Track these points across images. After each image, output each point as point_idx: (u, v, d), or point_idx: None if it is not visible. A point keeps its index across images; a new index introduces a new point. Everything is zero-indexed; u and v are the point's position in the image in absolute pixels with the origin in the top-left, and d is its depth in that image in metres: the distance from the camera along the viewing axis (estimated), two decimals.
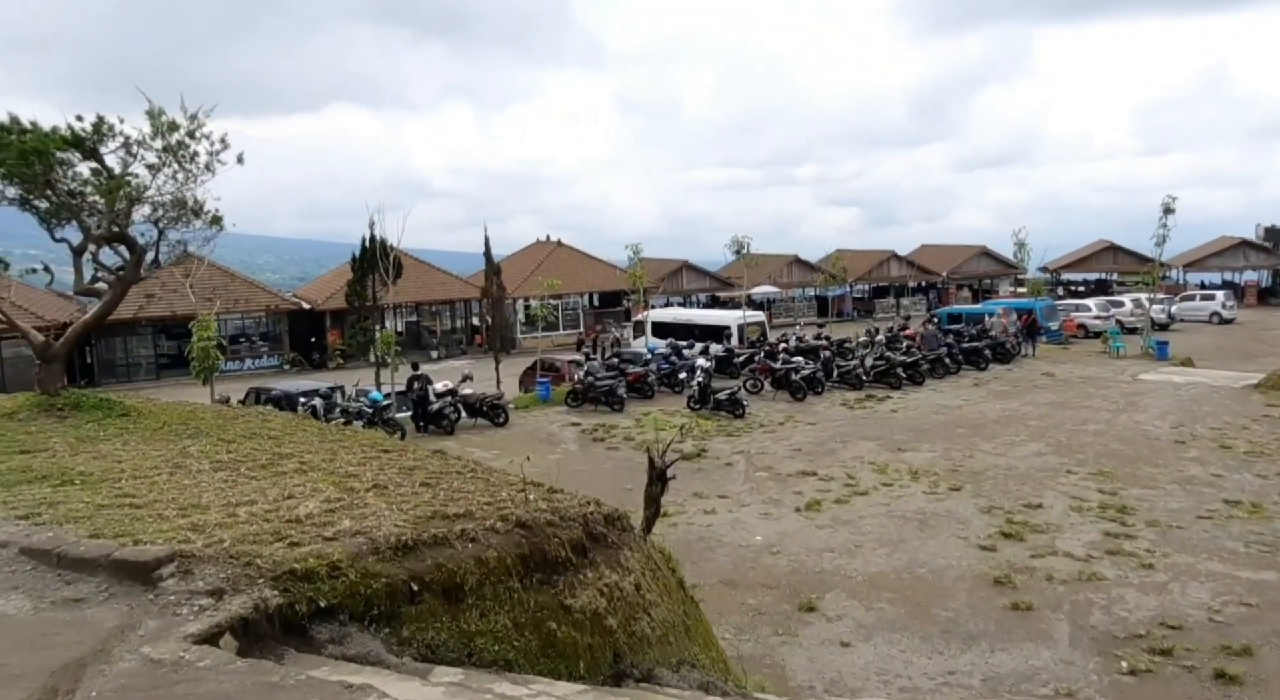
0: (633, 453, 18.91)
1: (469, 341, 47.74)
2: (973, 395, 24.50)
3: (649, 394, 24.79)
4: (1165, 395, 23.36)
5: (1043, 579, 11.16)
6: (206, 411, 9.50)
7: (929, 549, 12.49)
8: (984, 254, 67.98)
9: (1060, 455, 17.43)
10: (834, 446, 18.91)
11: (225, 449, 6.72)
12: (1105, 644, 9.34)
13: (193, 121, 8.77)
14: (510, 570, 4.34)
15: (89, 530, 4.22)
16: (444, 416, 21.36)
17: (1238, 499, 14.11)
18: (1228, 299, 48.96)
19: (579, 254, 52.75)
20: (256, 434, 7.47)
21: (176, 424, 8.01)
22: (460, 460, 7.03)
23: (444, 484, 5.50)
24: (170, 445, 6.95)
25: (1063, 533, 12.89)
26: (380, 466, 6.01)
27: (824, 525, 13.76)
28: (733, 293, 60.41)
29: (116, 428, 7.85)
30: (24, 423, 8.08)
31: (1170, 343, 30.86)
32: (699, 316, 35.72)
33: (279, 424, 8.46)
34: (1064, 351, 32.81)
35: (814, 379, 24.56)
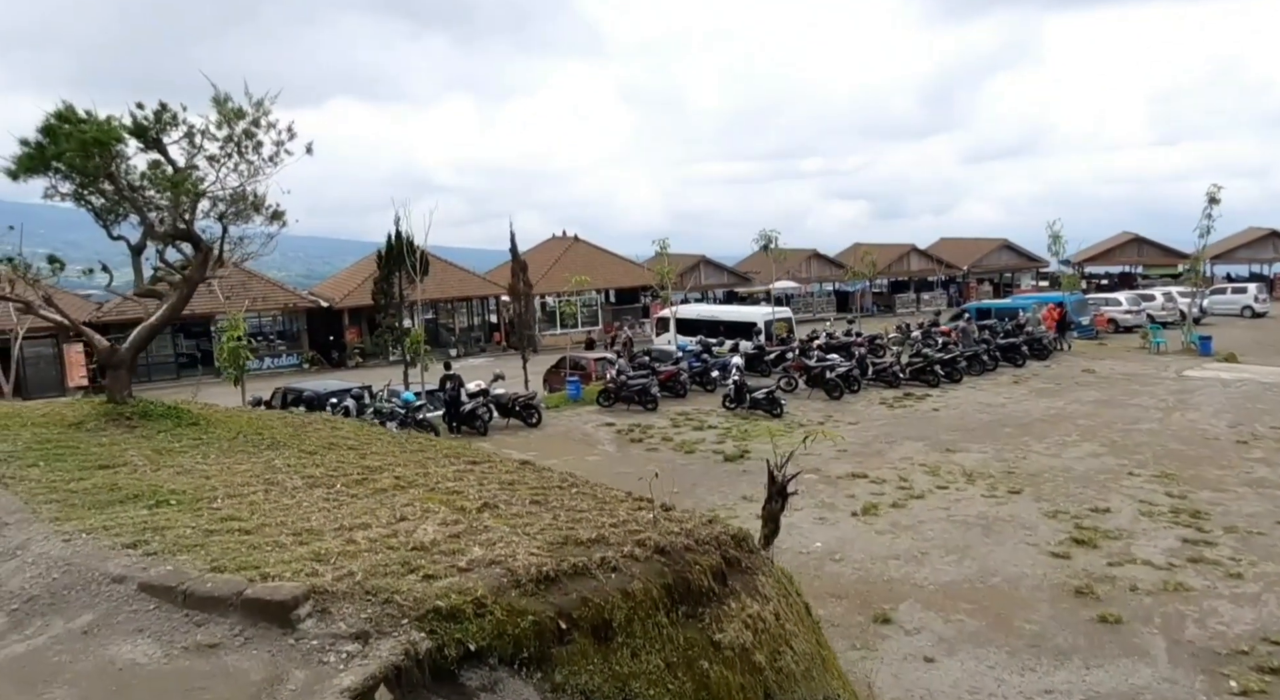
0: (673, 454, 18.50)
1: (487, 339, 47.39)
2: (1015, 393, 23.96)
3: (681, 393, 24.34)
4: (1216, 393, 22.78)
5: (1126, 589, 10.67)
6: (274, 419, 9.22)
7: (998, 556, 12.02)
8: (1006, 247, 67.24)
9: (1118, 456, 16.91)
10: (880, 447, 18.43)
11: (311, 462, 6.44)
12: (1207, 661, 8.86)
13: (258, 109, 8.32)
14: (657, 603, 3.96)
15: (207, 562, 3.89)
16: (477, 417, 20.98)
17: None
18: (1260, 292, 48.10)
19: (596, 249, 52.33)
20: (335, 444, 7.18)
21: (250, 433, 7.72)
22: (554, 472, 6.66)
23: (554, 501, 5.19)
24: (252, 458, 6.67)
25: (1137, 539, 12.39)
26: (479, 481, 5.69)
27: (884, 531, 13.30)
28: (751, 288, 59.90)
29: (190, 438, 7.62)
30: (94, 433, 7.84)
31: (1213, 338, 30.11)
32: (725, 313, 35.24)
33: (351, 432, 8.20)
34: (1101, 347, 32.20)
35: (850, 377, 24.08)
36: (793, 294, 57.67)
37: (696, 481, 16.33)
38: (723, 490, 15.71)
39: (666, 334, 35.47)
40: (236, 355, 21.63)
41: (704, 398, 24.48)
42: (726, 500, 15.02)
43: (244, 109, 8.40)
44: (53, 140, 8.18)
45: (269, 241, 9.67)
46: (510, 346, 45.87)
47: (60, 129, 8.07)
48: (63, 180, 8.50)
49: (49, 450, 7.03)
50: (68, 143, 7.95)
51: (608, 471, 16.97)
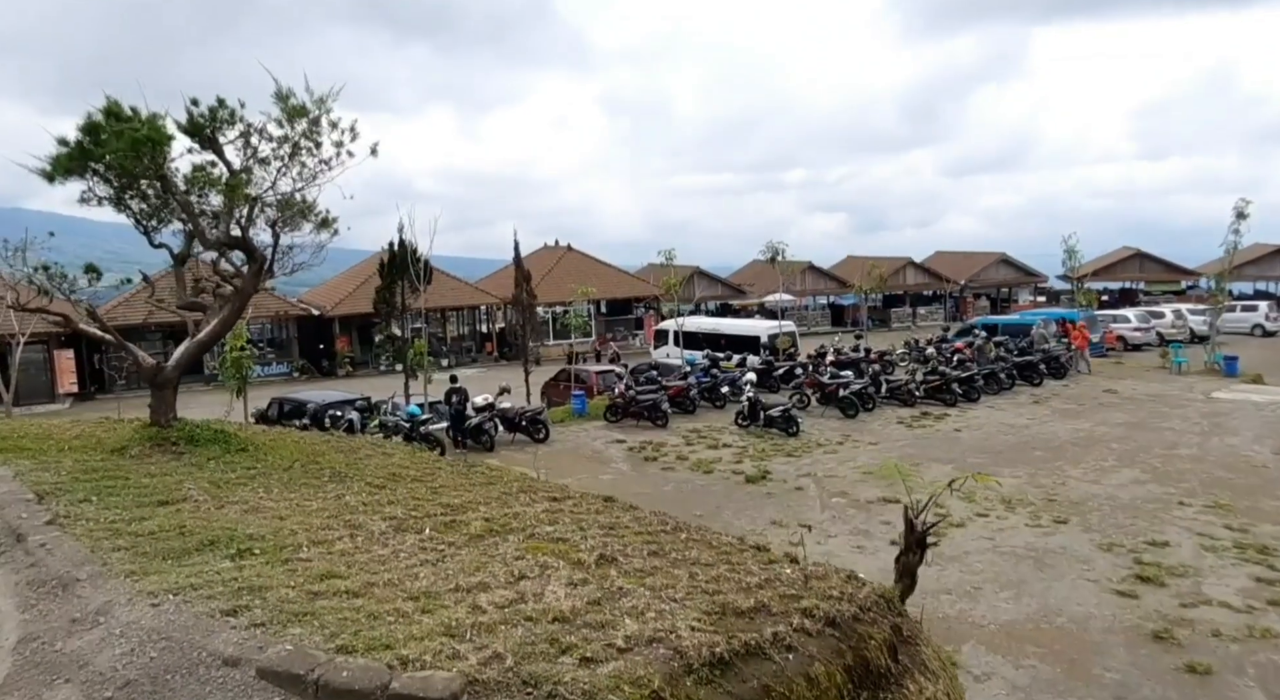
0: (690, 474, 17.50)
1: (479, 349, 46.36)
2: (1037, 413, 23.09)
3: (691, 409, 23.37)
4: (1250, 417, 21.96)
5: (1208, 635, 9.72)
6: (323, 445, 9.17)
7: (1058, 593, 11.06)
8: (1003, 261, 66.70)
9: (1162, 484, 16.01)
10: (905, 470, 17.44)
11: (384, 498, 6.53)
12: None
13: (320, 106, 7.55)
14: (841, 690, 3.22)
15: (326, 636, 3.38)
16: (483, 432, 19.98)
17: None
18: (1271, 310, 47.41)
19: (589, 259, 51.46)
20: (398, 475, 7.20)
21: (305, 461, 7.85)
22: (644, 510, 6.05)
23: (671, 550, 4.85)
24: (319, 492, 6.49)
25: (1205, 577, 11.46)
26: (576, 524, 5.35)
27: (928, 562, 12.20)
28: (746, 301, 59.18)
29: (244, 467, 7.41)
30: (139, 461, 7.62)
31: (1240, 358, 29.34)
32: (727, 326, 34.27)
33: (406, 459, 8.12)
34: (1118, 366, 31.42)
35: (865, 395, 23.15)
36: (788, 306, 56.84)
37: (720, 504, 15.33)
38: (749, 514, 14.71)
39: (665, 347, 34.51)
40: (239, 365, 20.57)
41: (714, 414, 23.50)
42: (755, 525, 14.02)
43: (306, 106, 7.69)
44: (97, 139, 7.51)
45: (319, 251, 8.88)
46: (502, 357, 44.91)
47: (108, 127, 7.40)
48: (101, 183, 7.81)
49: (98, 482, 6.70)
50: (117, 141, 7.27)
51: (624, 491, 15.82)
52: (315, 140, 7.74)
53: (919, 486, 11.19)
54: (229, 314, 8.47)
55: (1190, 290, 64.86)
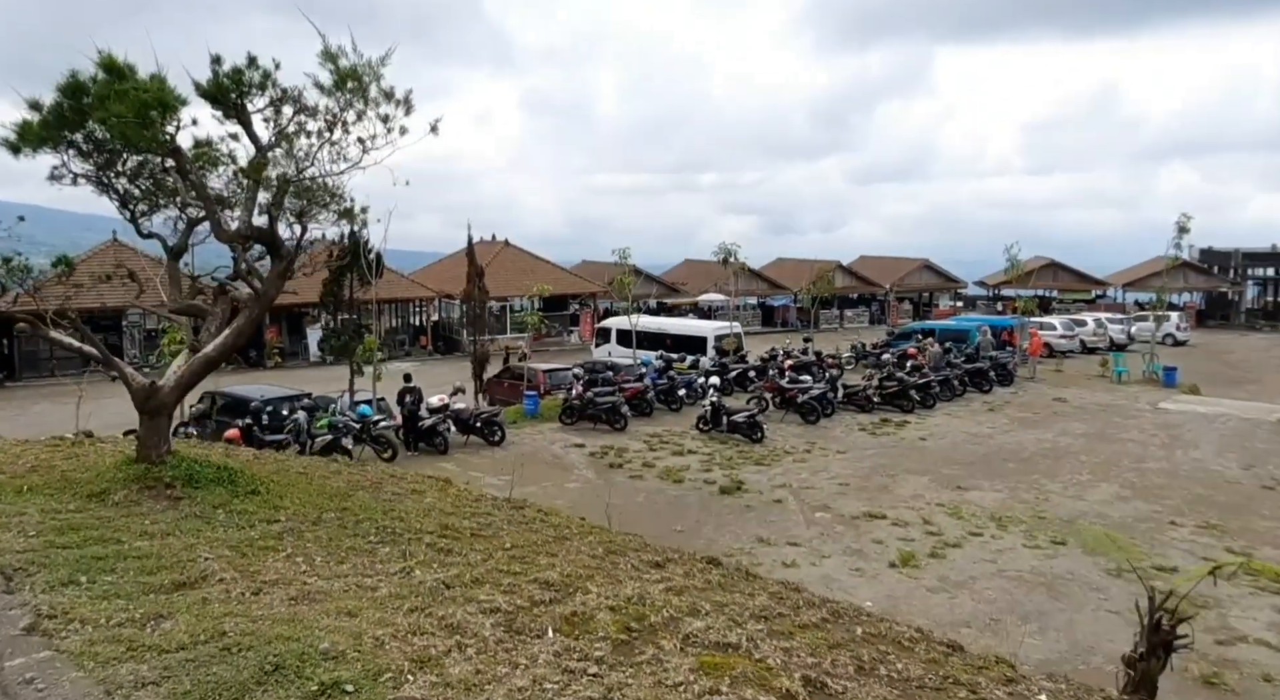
0: (660, 483, 16.25)
1: (412, 343, 44.11)
2: (995, 421, 22.70)
3: (647, 412, 22.11)
4: (1204, 429, 22.01)
5: (1258, 679, 9.03)
6: (334, 478, 7.97)
7: (1084, 628, 10.25)
8: (926, 267, 67.81)
9: (1147, 501, 15.57)
10: (881, 481, 16.62)
11: (462, 571, 4.94)
12: None
13: (372, 72, 6.44)
14: None
15: None
16: (438, 434, 18.34)
17: None
18: (1181, 320, 49.20)
19: (527, 255, 49.68)
20: (453, 528, 6.63)
21: (332, 508, 6.40)
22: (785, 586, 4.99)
23: (869, 658, 3.83)
24: (372, 560, 5.25)
25: (1228, 608, 10.85)
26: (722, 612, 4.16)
27: (935, 588, 11.38)
28: (680, 300, 58.32)
29: (263, 521, 6.07)
30: (128, 511, 6.09)
31: (1179, 368, 29.82)
32: (672, 326, 33.10)
33: (441, 499, 6.98)
34: (1059, 374, 31.61)
35: (824, 400, 22.33)
36: (720, 306, 56.38)
37: (698, 519, 14.13)
38: (732, 530, 13.55)
39: (606, 345, 33.18)
40: None
41: (671, 417, 22.29)
42: (741, 543, 12.90)
43: (358, 69, 6.38)
44: (81, 103, 6.18)
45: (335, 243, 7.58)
46: (436, 351, 42.73)
47: (113, 86, 5.95)
48: (79, 158, 6.46)
49: (81, 549, 5.24)
50: (119, 105, 5.83)
51: (594, 503, 14.52)
52: (360, 111, 6.50)
53: (1126, 547, 10.18)
54: (245, 322, 7.11)
55: (1099, 299, 67.31)
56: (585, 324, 46.49)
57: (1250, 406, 25.40)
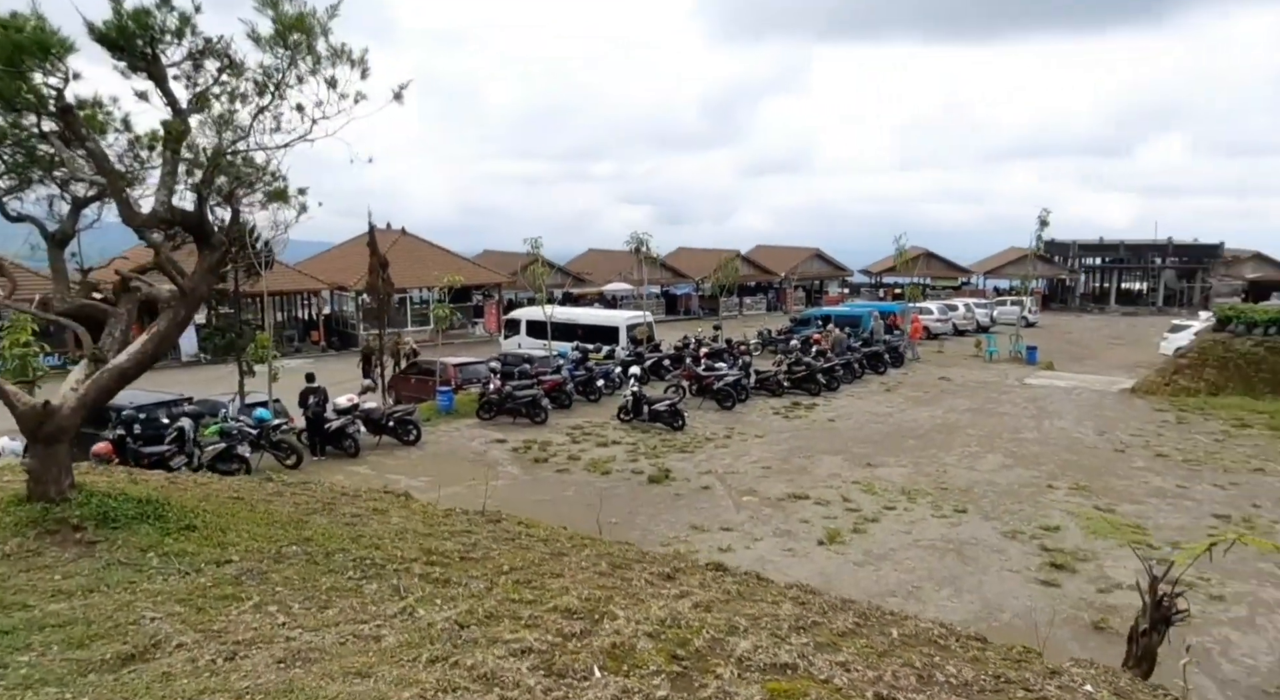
0: (587, 476, 16.83)
1: (302, 338, 42.77)
2: (893, 401, 24.40)
3: (566, 404, 22.59)
4: (1063, 400, 24.37)
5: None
6: (278, 501, 6.69)
7: (991, 587, 11.54)
8: (817, 256, 70.74)
9: (1026, 467, 17.32)
10: (800, 462, 17.79)
11: (471, 605, 4.38)
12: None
13: (319, 23, 5.58)
14: None
15: None
16: (347, 436, 18.09)
17: (1224, 514, 14.36)
18: (1033, 304, 53.52)
19: (425, 243, 48.83)
20: (438, 551, 5.28)
21: (290, 540, 5.32)
22: (799, 588, 5.19)
23: (922, 664, 3.77)
24: (363, 603, 4.54)
25: (1103, 559, 12.42)
26: (758, 625, 4.04)
27: (861, 562, 12.49)
28: (586, 290, 58.67)
29: (211, 563, 5.06)
30: (25, 564, 4.92)
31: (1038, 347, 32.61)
32: (584, 316, 33.58)
33: (406, 516, 6.20)
34: (941, 355, 33.93)
35: (739, 386, 23.44)
36: (625, 295, 57.12)
37: (630, 509, 14.80)
38: (665, 519, 14.30)
39: (516, 337, 33.38)
40: (26, 365, 17.24)
41: (591, 409, 22.89)
42: (676, 531, 13.66)
43: (305, 18, 5.43)
44: None
45: (278, 233, 7.06)
46: (330, 346, 41.64)
47: None
48: None
49: None
50: None
51: (523, 500, 15.06)
52: (315, 70, 5.61)
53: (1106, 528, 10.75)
54: (169, 326, 6.09)
55: (964, 286, 72.13)
56: (490, 316, 46.32)
57: (1097, 379, 28.24)
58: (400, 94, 5.97)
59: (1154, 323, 49.13)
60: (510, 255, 54.97)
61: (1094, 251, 65.96)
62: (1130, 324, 51.59)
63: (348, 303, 45.04)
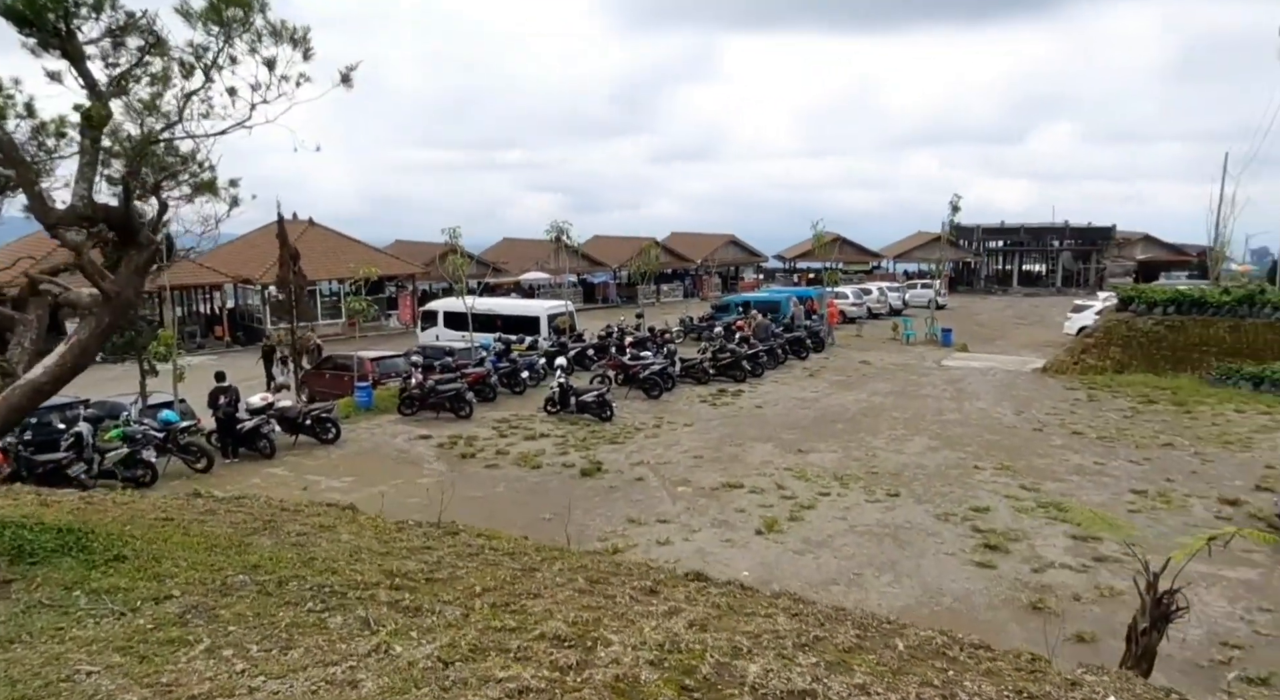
0: (517, 470, 16.32)
1: (205, 334, 40.63)
2: (817, 386, 24.61)
3: (491, 397, 21.97)
4: (980, 381, 25.06)
5: (1070, 599, 10.63)
6: (227, 526, 5.96)
7: (929, 571, 11.59)
8: (732, 242, 71.36)
9: (952, 449, 17.62)
10: (731, 450, 17.68)
11: (450, 636, 3.90)
12: (1201, 676, 8.83)
13: None
14: None
15: None
16: (261, 437, 17.09)
17: (1142, 489, 14.84)
18: (942, 286, 55.26)
19: (334, 234, 47.00)
20: (400, 573, 4.73)
21: (235, 567, 4.78)
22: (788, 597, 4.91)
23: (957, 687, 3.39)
24: (328, 640, 3.96)
25: (1033, 539, 12.63)
26: (777, 650, 3.66)
27: (801, 550, 12.40)
28: (503, 279, 57.63)
29: (148, 601, 4.38)
30: None
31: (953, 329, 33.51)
32: (502, 306, 32.80)
33: (356, 532, 5.66)
34: (858, 339, 34.51)
35: (665, 374, 23.23)
36: (543, 284, 56.41)
37: (563, 503, 14.26)
38: (601, 513, 13.94)
39: (434, 329, 32.43)
40: None
41: (516, 401, 22.32)
42: (612, 525, 13.33)
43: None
44: None
45: (206, 229, 6.30)
46: (235, 342, 39.66)
47: None
48: None
49: None
50: None
51: (451, 497, 14.44)
52: (255, 47, 5.10)
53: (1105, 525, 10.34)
54: (90, 336, 5.38)
55: (875, 270, 74.09)
56: (405, 307, 44.96)
57: (1010, 359, 29.22)
58: (348, 77, 5.51)
59: (1055, 303, 51.36)
60: (423, 245, 53.54)
61: (997, 235, 68.51)
62: (1033, 304, 53.80)
63: (251, 296, 42.99)
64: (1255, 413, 20.39)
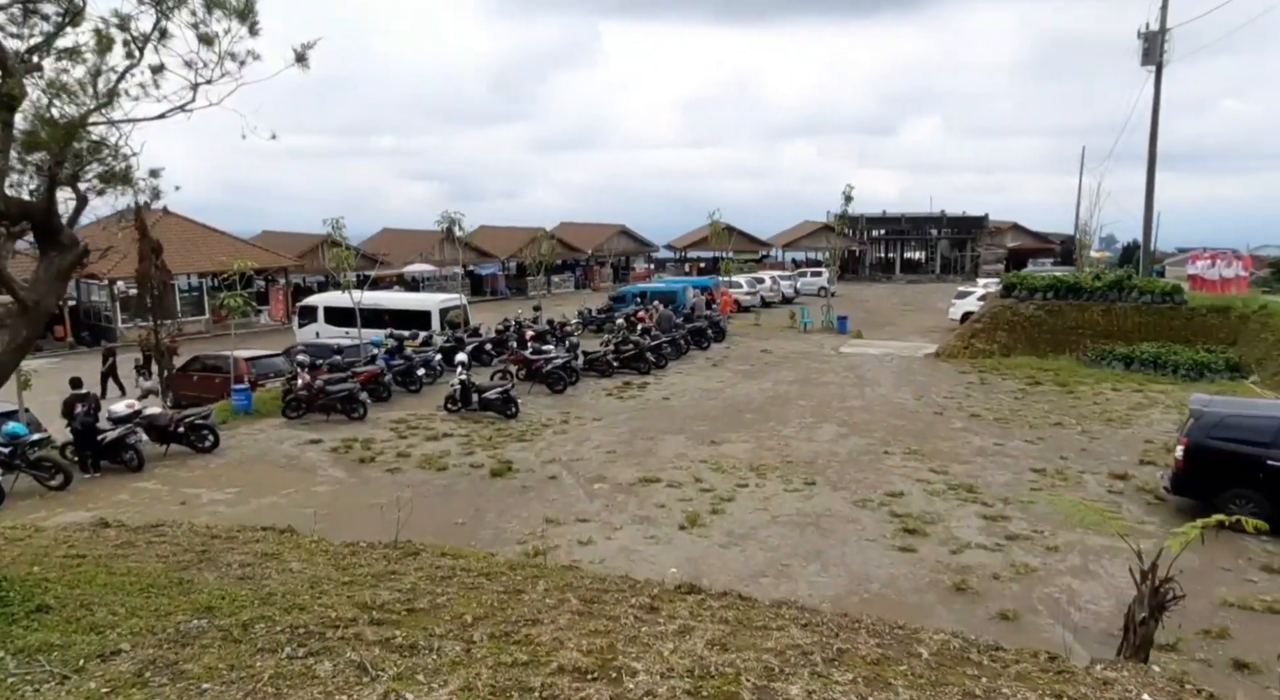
0: (422, 473, 15.45)
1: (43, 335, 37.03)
2: (722, 376, 24.56)
3: (385, 396, 20.82)
4: (878, 367, 25.63)
5: (989, 579, 10.76)
6: (158, 562, 5.12)
7: (854, 559, 11.53)
8: (623, 233, 71.24)
9: (861, 436, 17.81)
10: (644, 444, 17.31)
11: (461, 678, 3.45)
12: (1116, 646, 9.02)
13: None
14: None
15: None
16: (128, 448, 15.51)
17: (1040, 467, 15.35)
18: (832, 275, 56.77)
19: (193, 224, 43.85)
20: (379, 607, 4.05)
21: (184, 609, 4.24)
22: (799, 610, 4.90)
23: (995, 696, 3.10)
24: (316, 689, 3.54)
25: (949, 521, 12.79)
26: (798, 668, 3.42)
27: (726, 544, 12.13)
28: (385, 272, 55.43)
29: (90, 655, 3.71)
30: None
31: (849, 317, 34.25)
32: (390, 300, 31.33)
33: (333, 565, 5.04)
34: (757, 327, 34.84)
35: (569, 368, 22.65)
36: (429, 276, 54.66)
37: (478, 506, 13.66)
38: (517, 514, 13.29)
39: (313, 325, 30.69)
40: None
41: (412, 400, 21.26)
42: (530, 526, 12.73)
43: None
44: None
45: (118, 220, 5.47)
46: (80, 342, 36.47)
47: None
48: None
49: None
50: None
51: (355, 504, 13.58)
52: (198, 24, 4.45)
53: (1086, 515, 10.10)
54: (10, 350, 4.77)
55: (765, 259, 75.53)
56: (277, 302, 42.55)
57: (904, 345, 30.11)
58: (304, 56, 5.01)
59: (936, 289, 53.58)
60: (294, 236, 50.87)
61: (879, 224, 70.95)
62: (915, 291, 55.94)
63: (97, 292, 39.56)
64: (1129, 391, 21.64)
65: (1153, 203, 29.30)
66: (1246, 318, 24.61)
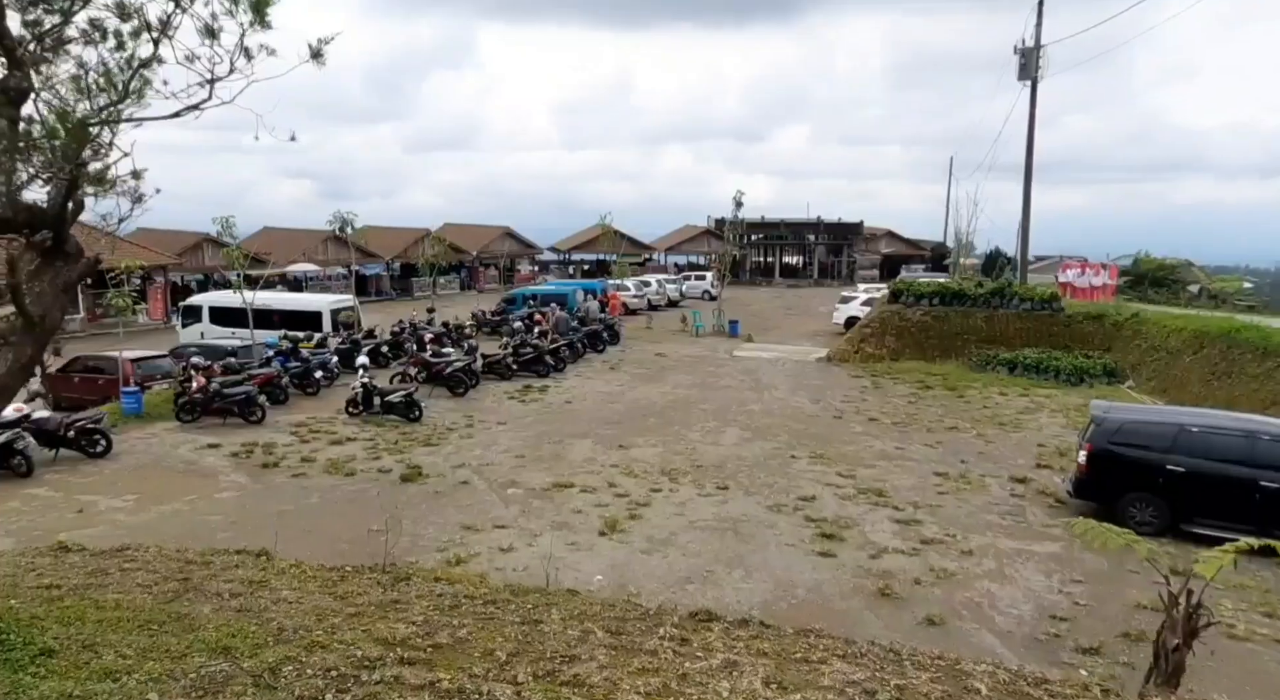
0: (329, 479, 14.78)
1: None
2: (620, 379, 24.56)
3: (282, 399, 19.71)
4: (772, 371, 26.27)
5: (911, 584, 11.05)
6: (144, 593, 4.57)
7: (776, 564, 11.70)
8: (508, 235, 70.27)
9: (765, 440, 18.15)
10: (552, 448, 17.08)
11: None
12: (1041, 651, 9.29)
13: None
14: None
15: None
16: (15, 453, 14.24)
17: (943, 471, 15.98)
18: (715, 278, 57.78)
19: None
20: (403, 644, 4.21)
21: (198, 650, 4.15)
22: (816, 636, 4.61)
23: None
24: None
25: (863, 525, 13.15)
26: None
27: (648, 550, 12.10)
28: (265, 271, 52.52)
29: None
30: None
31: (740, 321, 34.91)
32: (280, 301, 29.66)
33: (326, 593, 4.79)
34: (649, 331, 35.04)
35: (470, 371, 22.10)
36: (313, 276, 52.27)
37: (389, 512, 13.02)
38: (432, 521, 12.88)
39: (197, 325, 28.80)
40: None
41: (311, 403, 20.23)
42: (448, 534, 12.38)
43: None
44: None
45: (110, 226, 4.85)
46: None
47: None
48: None
49: None
50: None
51: (261, 512, 12.86)
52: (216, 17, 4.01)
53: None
54: (9, 374, 4.34)
55: (648, 262, 76.29)
56: (157, 302, 39.86)
57: (795, 350, 31.00)
58: (320, 52, 4.66)
59: (816, 294, 55.50)
60: (172, 234, 47.64)
61: (759, 229, 72.75)
62: (796, 295, 57.74)
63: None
64: (1015, 395, 23.01)
65: (1029, 211, 31.23)
66: (1120, 325, 26.59)
